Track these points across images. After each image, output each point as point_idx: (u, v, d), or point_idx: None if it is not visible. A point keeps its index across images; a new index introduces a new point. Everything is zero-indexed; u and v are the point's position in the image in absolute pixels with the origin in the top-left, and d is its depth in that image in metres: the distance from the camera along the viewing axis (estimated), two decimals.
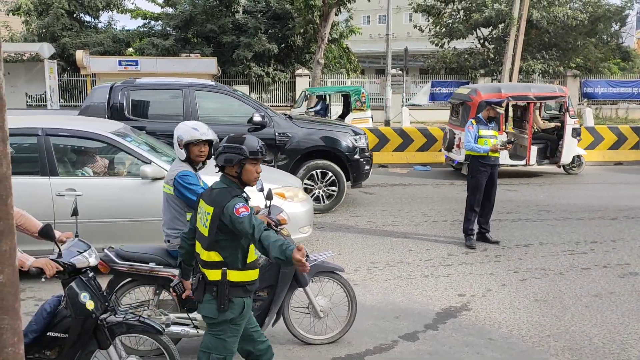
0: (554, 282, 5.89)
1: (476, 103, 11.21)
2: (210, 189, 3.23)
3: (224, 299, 3.09)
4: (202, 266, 3.18)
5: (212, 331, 3.19)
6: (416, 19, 33.86)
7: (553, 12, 24.41)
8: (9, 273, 1.55)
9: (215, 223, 3.05)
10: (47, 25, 23.68)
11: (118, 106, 8.30)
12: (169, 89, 8.78)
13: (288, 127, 8.71)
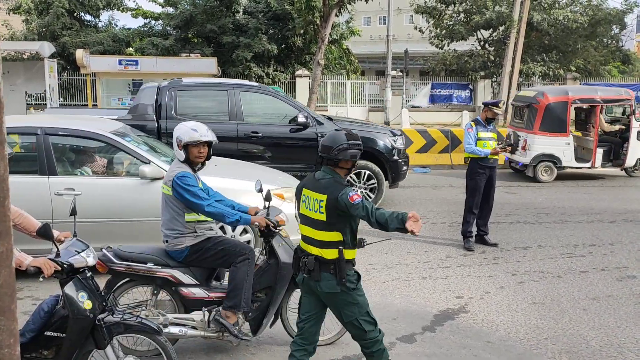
0: (552, 284, 5.89)
1: (543, 106, 11.52)
2: (315, 179, 3.57)
3: (343, 274, 3.46)
4: (317, 246, 3.51)
5: (340, 303, 3.55)
6: (417, 20, 33.86)
7: (554, 14, 24.41)
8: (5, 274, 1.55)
9: (332, 208, 3.41)
10: (48, 24, 23.66)
11: (165, 106, 8.45)
12: (214, 89, 8.98)
13: (329, 128, 8.77)
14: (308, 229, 3.55)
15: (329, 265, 3.48)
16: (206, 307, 4.09)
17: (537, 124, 11.65)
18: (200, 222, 4.12)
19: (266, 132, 8.64)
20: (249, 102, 8.84)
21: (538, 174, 11.74)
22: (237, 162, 7.56)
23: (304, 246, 3.61)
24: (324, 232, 3.47)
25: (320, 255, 3.49)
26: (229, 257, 4.07)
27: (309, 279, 3.56)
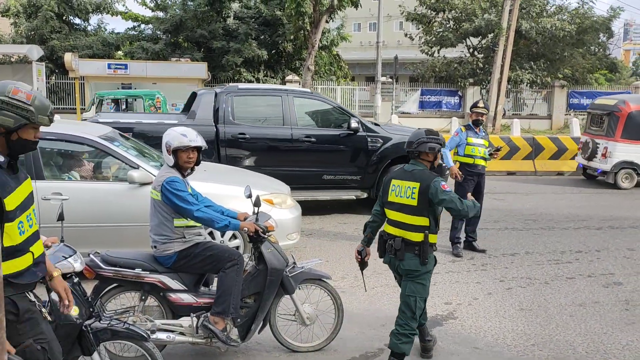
0: (539, 291, 5.93)
1: (625, 114, 11.72)
2: (404, 170, 4.08)
3: (426, 255, 3.93)
4: (405, 229, 3.98)
5: (416, 280, 4.01)
6: (407, 27, 34.07)
7: (541, 23, 24.68)
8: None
9: (424, 194, 3.87)
10: (36, 28, 23.52)
11: (223, 111, 8.62)
12: (269, 95, 9.22)
13: (379, 133, 9.04)
14: (397, 214, 4.02)
15: (414, 247, 3.95)
16: (194, 313, 4.07)
17: (619, 132, 11.88)
18: (189, 227, 4.11)
19: (319, 137, 8.86)
20: (301, 107, 9.11)
21: (618, 181, 11.98)
22: (227, 168, 7.56)
23: (390, 230, 4.08)
24: (414, 216, 3.94)
25: (407, 238, 3.97)
26: (218, 263, 4.06)
27: (394, 258, 4.05)
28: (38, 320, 2.54)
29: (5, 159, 2.49)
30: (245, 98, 8.99)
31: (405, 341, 3.97)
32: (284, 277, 4.20)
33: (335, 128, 9.05)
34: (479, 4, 25.61)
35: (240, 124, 8.61)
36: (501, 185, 12.08)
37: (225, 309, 3.99)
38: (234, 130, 8.53)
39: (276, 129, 8.75)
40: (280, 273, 4.18)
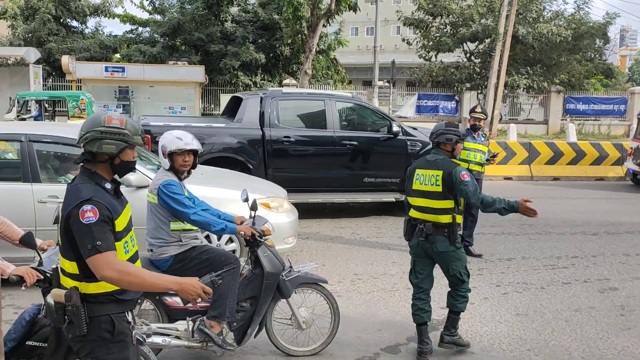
0: (535, 296, 5.94)
1: None
2: (427, 160, 4.46)
3: (455, 236, 4.33)
4: (434, 214, 4.36)
5: (449, 259, 4.42)
6: (404, 32, 34.14)
7: (538, 28, 24.77)
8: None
9: (446, 181, 4.27)
10: (34, 30, 23.50)
11: (268, 115, 8.82)
12: (312, 99, 9.51)
13: (418, 137, 9.26)
14: (423, 200, 4.41)
15: (444, 229, 4.32)
16: (190, 317, 4.06)
17: None
18: (185, 231, 4.11)
19: (360, 140, 9.04)
20: (343, 112, 9.34)
21: None
22: (224, 171, 7.55)
23: (417, 215, 4.45)
24: (440, 200, 4.32)
25: (436, 221, 4.33)
26: (214, 267, 4.05)
27: (425, 241, 4.40)
28: (127, 344, 2.67)
29: (112, 185, 2.71)
30: (289, 102, 9.27)
31: (462, 301, 4.53)
32: (280, 281, 4.20)
33: (375, 132, 9.25)
34: (477, 9, 25.70)
35: (285, 128, 8.87)
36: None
37: (222, 313, 3.98)
38: (279, 133, 8.77)
39: (319, 133, 8.99)
40: (277, 277, 4.17)
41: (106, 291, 2.59)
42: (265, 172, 8.64)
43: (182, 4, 25.11)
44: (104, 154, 2.64)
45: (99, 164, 2.67)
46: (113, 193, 2.69)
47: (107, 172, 2.70)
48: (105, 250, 2.47)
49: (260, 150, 8.67)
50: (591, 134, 24.86)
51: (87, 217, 2.48)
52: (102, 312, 2.58)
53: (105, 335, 2.58)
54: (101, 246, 2.47)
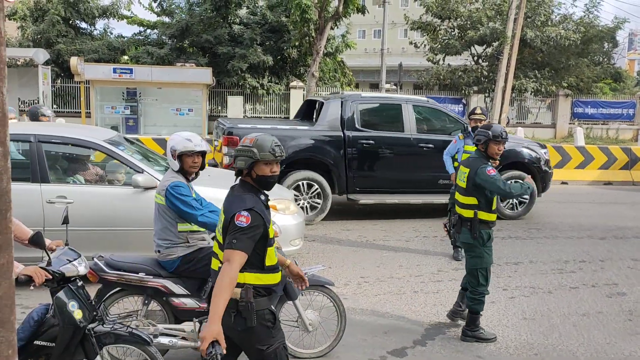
0: (543, 300, 5.91)
1: None
2: (468, 158, 5.03)
3: (475, 230, 4.72)
4: (460, 207, 4.88)
5: (471, 253, 4.84)
6: (411, 35, 34.14)
7: (546, 32, 24.69)
8: (5, 286, 1.56)
9: (471, 179, 4.73)
10: (43, 31, 23.63)
11: (349, 118, 9.14)
12: (389, 102, 9.79)
13: None
14: (457, 194, 4.95)
15: (467, 222, 4.77)
16: (197, 318, 4.07)
17: None
18: (192, 232, 4.12)
19: (436, 143, 9.29)
20: (419, 115, 9.57)
21: None
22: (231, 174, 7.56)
23: (456, 208, 4.97)
24: (464, 196, 4.82)
25: (461, 214, 4.85)
26: None
27: (454, 231, 5.03)
28: (279, 327, 3.12)
29: (265, 197, 3.07)
30: (368, 105, 9.56)
31: (477, 302, 4.79)
32: (287, 283, 4.20)
33: (449, 134, 9.40)
34: (485, 13, 25.65)
35: (364, 130, 9.14)
36: None
37: None
38: (359, 136, 9.01)
39: (397, 135, 9.28)
40: (284, 279, 4.17)
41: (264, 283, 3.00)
42: (346, 173, 9.06)
43: (191, 6, 25.18)
44: (239, 169, 3.04)
45: (248, 178, 3.07)
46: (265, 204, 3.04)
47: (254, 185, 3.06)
48: (237, 249, 2.83)
49: (341, 152, 9.01)
50: (599, 138, 24.75)
51: (240, 220, 2.85)
52: (263, 306, 2.99)
53: (268, 325, 3.01)
54: (239, 245, 2.83)
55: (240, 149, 3.02)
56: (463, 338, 4.85)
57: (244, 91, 23.74)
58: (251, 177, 3.04)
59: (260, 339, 2.99)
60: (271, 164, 3.00)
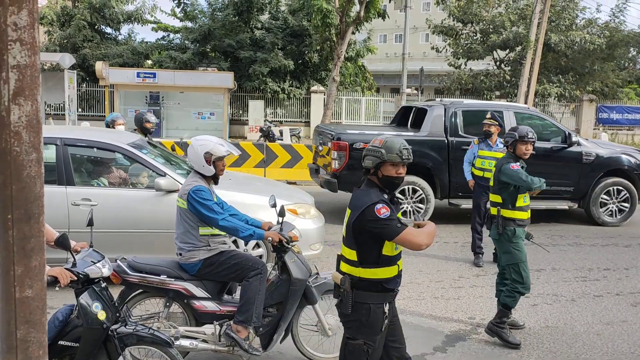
0: (566, 308, 5.83)
1: None
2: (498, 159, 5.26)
3: (500, 227, 4.97)
4: (490, 205, 5.19)
5: (500, 249, 5.11)
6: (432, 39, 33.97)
7: (571, 36, 24.39)
8: (37, 288, 1.60)
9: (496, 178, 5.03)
10: (69, 36, 24.08)
11: (452, 124, 9.37)
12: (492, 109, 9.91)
13: (592, 148, 9.71)
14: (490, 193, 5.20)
15: (493, 219, 5.05)
16: (217, 321, 4.10)
17: None
18: (214, 235, 4.16)
19: (538, 149, 9.63)
20: (521, 122, 9.66)
21: None
22: (252, 177, 7.62)
23: None
24: (492, 194, 5.14)
25: (490, 211, 5.15)
26: (242, 272, 4.10)
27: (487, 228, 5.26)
28: (377, 331, 3.16)
29: (389, 197, 3.18)
30: (470, 112, 9.61)
31: (509, 297, 4.90)
32: (306, 287, 4.21)
33: (549, 141, 9.51)
34: (508, 17, 25.44)
35: (467, 136, 9.19)
36: None
37: (248, 318, 4.01)
38: (462, 141, 9.13)
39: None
40: (303, 283, 4.19)
41: (377, 277, 3.11)
42: (449, 179, 9.21)
43: (213, 11, 25.44)
44: (366, 168, 3.18)
45: (374, 177, 3.18)
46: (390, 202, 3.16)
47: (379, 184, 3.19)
48: (406, 227, 3.02)
49: (444, 157, 9.18)
50: (624, 143, 24.33)
51: (383, 213, 3.00)
52: (365, 300, 3.11)
53: (362, 319, 3.11)
54: (402, 226, 3.02)
55: (370, 149, 3.16)
56: (487, 330, 4.96)
57: (264, 95, 23.88)
58: (377, 176, 3.17)
59: (349, 327, 3.18)
60: (397, 165, 3.13)
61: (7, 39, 1.47)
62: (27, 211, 1.56)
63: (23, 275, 1.57)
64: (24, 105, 1.51)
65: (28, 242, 1.57)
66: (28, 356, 1.60)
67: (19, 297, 1.58)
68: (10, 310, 1.58)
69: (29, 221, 1.56)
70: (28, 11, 1.48)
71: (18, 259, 1.56)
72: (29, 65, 1.50)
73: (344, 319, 3.20)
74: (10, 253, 1.56)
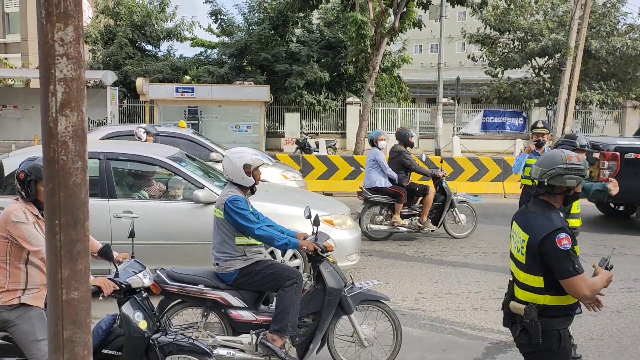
0: (611, 320, 5.66)
1: None
2: None
3: None
4: None
5: None
6: (469, 48, 33.67)
7: (612, 42, 23.81)
8: (83, 290, 1.68)
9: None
10: (112, 54, 24.85)
11: None
12: None
13: None
14: None
15: None
16: (254, 330, 4.14)
17: None
18: (250, 245, 4.21)
19: None
20: None
21: None
22: (289, 189, 7.68)
23: None
24: None
25: None
26: (277, 281, 4.13)
27: None
28: (569, 356, 3.07)
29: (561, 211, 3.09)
30: None
31: None
32: (342, 297, 4.21)
33: None
34: (546, 24, 25.02)
35: None
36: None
37: (284, 327, 4.04)
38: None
39: None
40: (339, 293, 4.19)
41: (564, 304, 2.97)
42: None
43: (250, 26, 25.86)
44: (567, 187, 3.03)
45: (557, 196, 3.06)
46: None
47: (559, 203, 3.08)
48: (581, 272, 2.85)
49: None
50: None
51: (563, 244, 2.84)
52: (553, 327, 2.96)
53: (553, 347, 2.96)
54: (578, 269, 2.84)
55: (570, 168, 3.02)
56: None
57: (300, 107, 24.05)
58: (553, 194, 3.06)
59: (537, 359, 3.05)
60: None
61: (54, 54, 1.55)
62: (74, 217, 1.63)
63: (70, 277, 1.65)
64: (70, 116, 1.58)
65: (74, 246, 1.64)
66: (74, 356, 1.67)
67: (66, 299, 1.65)
68: (57, 311, 1.65)
69: (75, 226, 1.64)
70: (74, 27, 1.56)
71: (65, 262, 1.64)
72: (74, 79, 1.58)
73: (531, 350, 3.03)
74: (58, 256, 1.64)
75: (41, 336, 3.25)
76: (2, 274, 3.29)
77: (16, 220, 3.23)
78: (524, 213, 3.12)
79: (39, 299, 3.35)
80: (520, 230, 3.06)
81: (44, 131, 1.59)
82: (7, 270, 3.28)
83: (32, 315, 3.30)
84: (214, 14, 25.35)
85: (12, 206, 3.32)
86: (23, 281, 3.31)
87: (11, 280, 3.29)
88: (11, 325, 3.28)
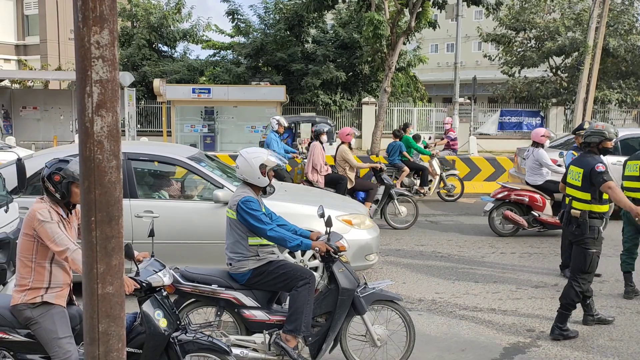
0: (631, 321, 5.61)
1: None
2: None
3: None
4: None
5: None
6: (485, 47, 33.46)
7: (631, 40, 23.53)
8: (117, 285, 1.73)
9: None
10: (130, 55, 25.13)
11: None
12: None
13: None
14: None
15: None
16: (267, 330, 4.17)
17: None
18: (262, 245, 4.23)
19: None
20: None
21: None
22: (307, 188, 7.71)
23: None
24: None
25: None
26: (290, 281, 4.15)
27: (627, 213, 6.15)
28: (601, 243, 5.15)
29: None
30: None
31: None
32: (355, 297, 4.23)
33: None
34: (563, 22, 24.80)
35: None
36: None
37: (297, 327, 4.06)
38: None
39: None
40: (352, 293, 4.21)
41: (601, 211, 5.08)
42: None
43: (265, 27, 25.98)
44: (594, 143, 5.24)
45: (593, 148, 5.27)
46: None
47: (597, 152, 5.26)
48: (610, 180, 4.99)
49: None
50: None
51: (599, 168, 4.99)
52: (594, 224, 5.03)
53: (594, 236, 5.02)
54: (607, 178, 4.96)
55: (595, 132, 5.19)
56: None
57: (316, 107, 24.09)
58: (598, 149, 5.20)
59: (586, 243, 5.02)
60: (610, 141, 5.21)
61: (90, 56, 1.60)
62: (109, 213, 1.68)
63: (105, 272, 1.70)
64: (106, 117, 1.63)
65: (109, 242, 1.70)
66: (109, 348, 1.72)
67: (101, 293, 1.71)
68: (93, 305, 1.71)
69: (110, 223, 1.69)
70: (109, 30, 1.61)
71: (100, 258, 1.69)
72: (109, 80, 1.63)
73: (581, 238, 5.02)
74: (94, 252, 1.69)
75: (62, 334, 3.30)
76: (27, 272, 3.34)
77: (42, 219, 3.29)
78: (580, 158, 5.25)
79: (61, 298, 3.40)
80: (577, 167, 5.18)
81: (80, 131, 1.64)
82: (32, 268, 3.34)
83: (54, 313, 3.35)
84: (231, 13, 25.43)
85: (37, 205, 3.37)
86: (46, 280, 3.36)
87: (35, 279, 3.34)
88: (33, 323, 3.33)
